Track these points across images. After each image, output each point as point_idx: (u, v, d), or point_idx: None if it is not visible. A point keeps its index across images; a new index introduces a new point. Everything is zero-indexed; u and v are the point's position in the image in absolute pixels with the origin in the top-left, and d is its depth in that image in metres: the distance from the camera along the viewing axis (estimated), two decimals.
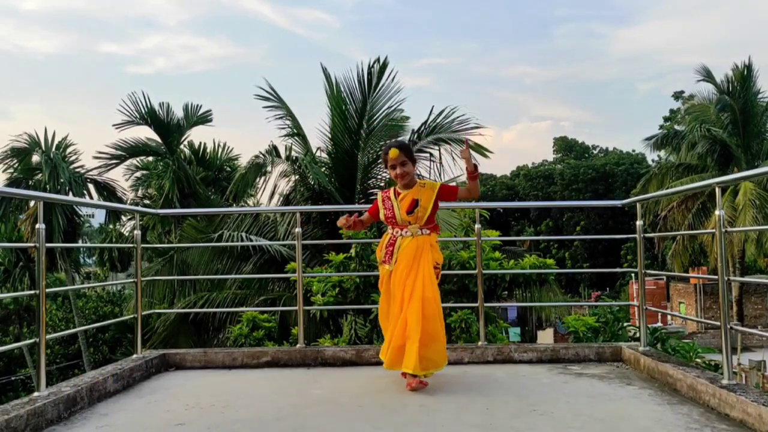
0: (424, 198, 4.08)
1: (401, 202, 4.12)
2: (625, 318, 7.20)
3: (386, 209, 4.19)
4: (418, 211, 4.07)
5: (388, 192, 4.26)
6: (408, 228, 4.10)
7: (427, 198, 4.08)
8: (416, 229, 4.09)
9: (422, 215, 4.08)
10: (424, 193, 4.10)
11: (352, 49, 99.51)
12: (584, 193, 50.13)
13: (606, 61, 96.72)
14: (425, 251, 4.04)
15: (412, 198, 4.09)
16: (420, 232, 4.09)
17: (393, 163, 4.12)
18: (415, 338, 3.81)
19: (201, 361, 4.90)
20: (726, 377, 3.47)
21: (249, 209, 12.91)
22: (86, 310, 24.26)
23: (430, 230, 4.12)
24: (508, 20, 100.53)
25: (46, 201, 4.06)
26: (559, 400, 3.69)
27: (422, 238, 4.08)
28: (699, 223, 23.39)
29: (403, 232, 4.11)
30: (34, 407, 3.22)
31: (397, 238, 4.11)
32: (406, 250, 4.04)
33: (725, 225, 3.57)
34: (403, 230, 4.11)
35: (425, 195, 4.09)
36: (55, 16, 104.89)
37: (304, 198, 13.00)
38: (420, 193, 4.11)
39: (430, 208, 4.08)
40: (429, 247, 4.07)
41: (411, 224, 4.09)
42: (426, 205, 4.07)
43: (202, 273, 12.43)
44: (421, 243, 4.05)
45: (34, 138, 20.37)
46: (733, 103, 23.71)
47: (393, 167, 4.14)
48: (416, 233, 4.08)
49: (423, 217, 4.08)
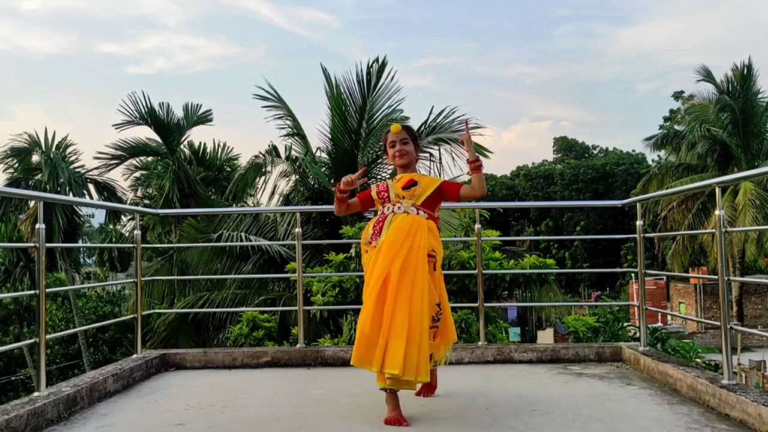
0: (424, 182, 3.59)
1: (397, 182, 3.63)
2: (625, 318, 7.20)
3: (380, 190, 3.66)
4: (415, 190, 3.55)
5: (381, 183, 3.77)
6: (401, 203, 3.54)
7: (427, 183, 3.58)
8: (410, 206, 3.52)
9: (420, 194, 3.54)
10: (424, 179, 3.63)
11: (352, 49, 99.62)
12: (584, 193, 50.11)
13: (606, 61, 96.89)
14: (420, 230, 3.41)
15: (409, 178, 3.61)
16: (415, 211, 3.50)
17: (393, 139, 3.66)
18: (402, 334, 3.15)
19: (201, 361, 4.90)
20: (726, 377, 3.47)
21: (249, 209, 12.92)
22: (86, 310, 24.26)
23: (428, 215, 3.53)
24: (508, 20, 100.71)
25: (46, 201, 4.06)
26: (560, 400, 3.69)
27: (419, 217, 3.48)
28: (699, 223, 23.41)
29: (395, 208, 3.53)
30: (34, 407, 3.22)
31: (388, 215, 3.53)
32: (397, 226, 3.42)
33: (725, 225, 3.57)
34: (395, 206, 3.54)
35: (425, 180, 3.61)
36: (55, 16, 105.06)
37: (304, 198, 13.01)
38: (419, 177, 3.64)
39: (428, 192, 3.54)
40: (426, 229, 3.45)
41: (405, 200, 3.54)
42: (425, 187, 3.55)
43: (201, 273, 12.45)
44: (416, 220, 3.45)
45: (34, 138, 20.39)
46: (733, 103, 23.72)
47: (392, 144, 3.66)
48: (410, 211, 3.50)
49: (420, 196, 3.53)
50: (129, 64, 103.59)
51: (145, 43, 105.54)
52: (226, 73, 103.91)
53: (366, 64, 12.35)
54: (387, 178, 12.67)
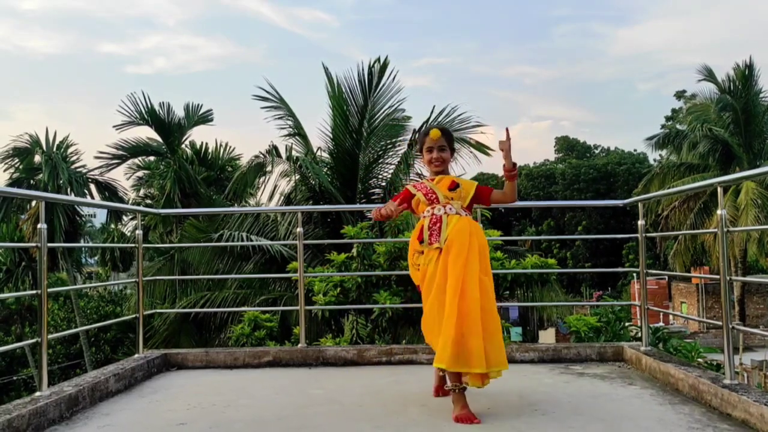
0: (464, 185, 3.63)
1: (438, 184, 3.62)
2: (626, 318, 7.20)
3: (426, 192, 3.62)
4: (460, 191, 3.58)
5: (418, 183, 3.75)
6: (452, 205, 3.54)
7: (467, 186, 3.63)
8: (460, 207, 3.54)
9: (465, 196, 3.57)
10: (463, 182, 3.66)
11: (352, 48, 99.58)
12: (586, 192, 50.09)
13: (606, 61, 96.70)
14: (483, 237, 3.51)
15: (451, 180, 3.64)
16: (464, 213, 3.54)
17: (431, 145, 3.64)
18: (478, 333, 3.23)
19: (203, 360, 4.90)
20: (728, 377, 3.46)
21: (251, 209, 12.93)
22: (88, 309, 24.28)
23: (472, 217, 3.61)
24: (508, 20, 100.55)
25: (47, 201, 4.06)
26: (561, 400, 3.69)
27: (470, 219, 3.53)
28: (700, 223, 23.38)
29: (447, 209, 3.52)
30: (36, 407, 3.22)
31: (442, 216, 3.51)
32: (458, 227, 3.42)
33: (727, 225, 3.57)
34: (447, 207, 3.53)
35: (464, 183, 3.65)
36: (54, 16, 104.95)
37: (305, 198, 13.02)
38: (458, 180, 3.68)
39: (471, 194, 3.59)
40: (481, 231, 3.57)
41: (454, 201, 3.55)
42: (468, 189, 3.60)
43: (203, 272, 12.46)
44: (475, 226, 3.51)
45: (35, 138, 20.40)
46: (735, 103, 23.69)
47: (430, 150, 3.65)
48: (462, 213, 3.52)
49: (466, 198, 3.57)
50: (129, 64, 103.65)
51: (145, 43, 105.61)
52: (226, 73, 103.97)
53: (367, 64, 12.37)
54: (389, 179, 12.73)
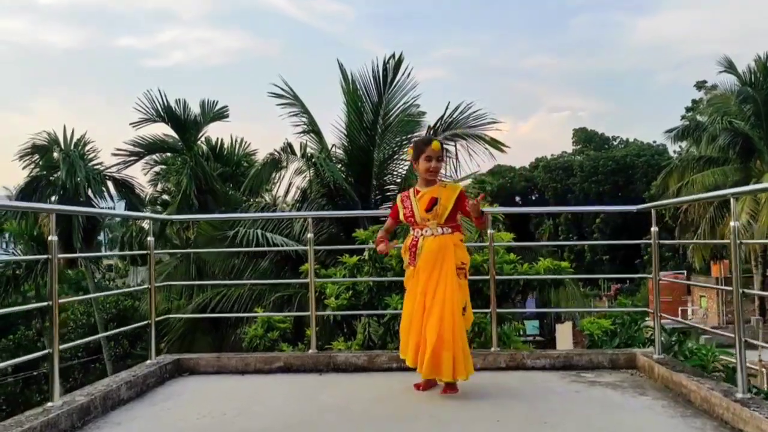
0: (444, 197, 4.02)
1: (420, 200, 4.07)
2: (642, 317, 7.09)
3: (405, 209, 4.15)
4: (437, 209, 4.00)
5: (407, 192, 4.23)
6: (428, 226, 4.03)
7: (447, 197, 4.02)
8: (436, 227, 4.01)
9: (442, 212, 4.00)
10: (444, 193, 4.05)
11: (367, 40, 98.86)
12: (604, 185, 49.75)
13: (625, 51, 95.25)
14: (448, 252, 3.97)
15: (431, 196, 4.04)
16: (441, 231, 4.01)
17: (431, 155, 4.06)
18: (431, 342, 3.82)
19: (214, 366, 4.93)
20: (740, 390, 3.41)
21: (261, 215, 12.94)
22: (107, 303, 24.52)
23: (452, 229, 4.05)
24: (525, 11, 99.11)
25: (58, 213, 4.10)
26: (572, 411, 3.66)
27: (445, 237, 4.01)
28: (720, 216, 23.14)
29: (424, 232, 4.04)
30: (47, 418, 3.26)
31: (419, 239, 4.05)
32: (427, 252, 3.98)
33: (740, 237, 3.51)
34: (423, 230, 4.05)
35: (445, 194, 4.04)
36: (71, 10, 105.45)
37: (319, 195, 13.02)
38: (440, 192, 4.06)
39: (450, 207, 4.01)
40: (452, 247, 4.00)
41: (430, 221, 4.02)
42: (446, 203, 4.01)
43: (218, 268, 12.57)
44: (443, 243, 3.98)
45: (53, 136, 20.58)
46: (756, 95, 23.32)
47: (429, 159, 4.06)
48: (437, 232, 4.01)
49: (443, 215, 4.01)
50: (146, 57, 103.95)
51: (162, 37, 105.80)
52: (242, 67, 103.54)
53: (382, 60, 12.29)
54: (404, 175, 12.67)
